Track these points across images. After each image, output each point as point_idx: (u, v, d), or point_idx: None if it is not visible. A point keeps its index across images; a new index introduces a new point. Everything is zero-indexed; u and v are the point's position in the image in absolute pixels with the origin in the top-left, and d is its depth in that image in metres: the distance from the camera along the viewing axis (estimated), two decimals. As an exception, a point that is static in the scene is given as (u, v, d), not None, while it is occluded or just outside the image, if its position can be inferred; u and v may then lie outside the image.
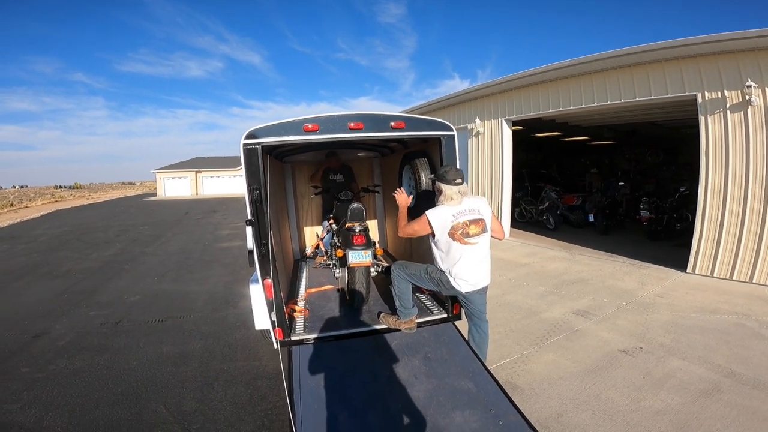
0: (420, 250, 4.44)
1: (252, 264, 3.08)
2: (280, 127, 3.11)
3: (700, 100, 6.35)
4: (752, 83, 5.65)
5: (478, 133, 10.71)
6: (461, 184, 3.05)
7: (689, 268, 6.65)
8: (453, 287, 3.09)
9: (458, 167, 3.25)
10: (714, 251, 6.38)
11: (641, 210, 9.20)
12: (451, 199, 3.03)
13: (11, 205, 29.63)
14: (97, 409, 3.31)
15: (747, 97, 5.76)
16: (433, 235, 3.05)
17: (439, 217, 3.00)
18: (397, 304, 3.40)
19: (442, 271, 3.12)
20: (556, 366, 3.77)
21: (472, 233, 3.00)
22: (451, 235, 2.98)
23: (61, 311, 5.74)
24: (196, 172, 41.65)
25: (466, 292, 3.11)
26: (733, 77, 5.97)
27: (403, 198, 3.42)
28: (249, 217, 3.05)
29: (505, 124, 10.02)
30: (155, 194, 41.76)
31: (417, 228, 3.11)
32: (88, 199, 39.21)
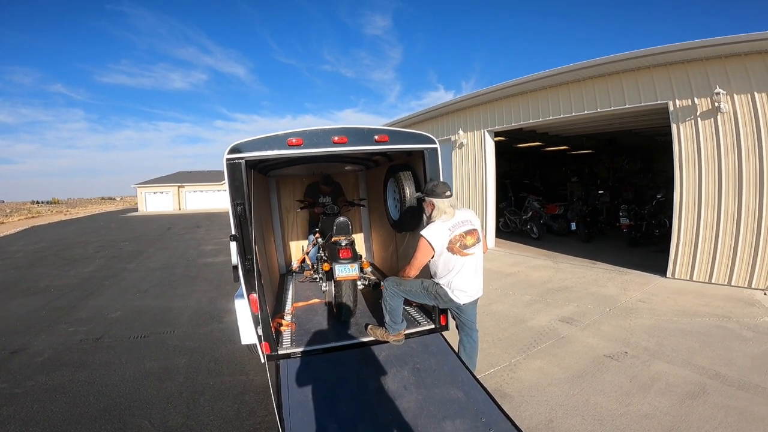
0: (407, 262, 4.45)
1: (237, 279, 3.06)
2: (264, 141, 3.09)
3: (671, 108, 6.57)
4: (721, 90, 5.85)
5: (461, 145, 10.86)
6: (450, 196, 3.07)
7: (669, 273, 6.80)
8: (451, 299, 3.11)
9: (443, 180, 3.26)
10: (692, 256, 6.55)
11: (621, 217, 9.42)
12: (445, 212, 3.04)
13: (-15, 221, 28.69)
14: (79, 425, 3.21)
15: (716, 104, 5.96)
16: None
17: (437, 234, 2.99)
18: (387, 318, 3.39)
19: (439, 284, 3.12)
20: (544, 373, 3.80)
21: (470, 244, 3.04)
22: (450, 249, 3.00)
23: (39, 327, 5.55)
24: (179, 186, 41.00)
25: (464, 304, 3.13)
26: (703, 85, 6.17)
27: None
28: (233, 233, 3.02)
29: (487, 135, 10.20)
30: (136, 209, 40.92)
31: (420, 255, 3.05)
32: (66, 214, 38.19)
